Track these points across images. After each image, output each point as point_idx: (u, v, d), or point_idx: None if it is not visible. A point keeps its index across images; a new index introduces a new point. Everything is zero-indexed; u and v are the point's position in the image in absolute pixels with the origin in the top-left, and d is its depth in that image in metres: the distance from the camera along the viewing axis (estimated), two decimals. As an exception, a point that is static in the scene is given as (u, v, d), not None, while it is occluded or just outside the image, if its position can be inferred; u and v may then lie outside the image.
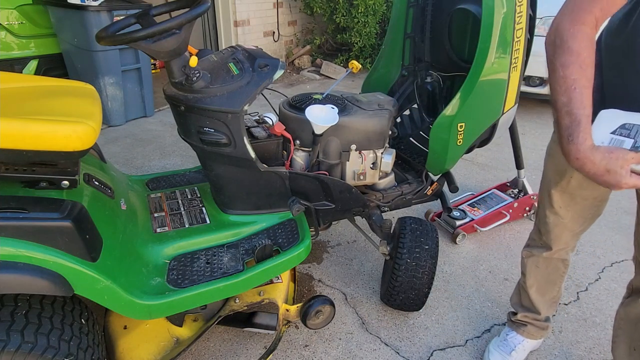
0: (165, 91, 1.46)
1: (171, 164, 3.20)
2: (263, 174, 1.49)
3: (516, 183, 2.64)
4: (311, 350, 1.68)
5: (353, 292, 1.99)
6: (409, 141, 2.11)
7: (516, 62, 1.57)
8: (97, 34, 1.26)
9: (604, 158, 0.87)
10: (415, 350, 1.70)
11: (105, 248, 1.17)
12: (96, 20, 3.30)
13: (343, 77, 2.13)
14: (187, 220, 1.57)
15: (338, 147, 1.62)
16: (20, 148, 1.04)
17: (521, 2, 1.48)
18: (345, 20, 5.67)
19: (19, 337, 1.02)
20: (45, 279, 1.03)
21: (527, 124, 4.18)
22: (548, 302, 1.58)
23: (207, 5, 1.27)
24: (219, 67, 1.45)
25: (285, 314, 1.57)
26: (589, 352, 1.72)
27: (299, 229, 1.54)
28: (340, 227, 2.47)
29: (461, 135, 1.63)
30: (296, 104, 1.63)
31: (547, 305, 1.59)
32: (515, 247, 2.34)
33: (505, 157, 3.37)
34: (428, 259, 1.65)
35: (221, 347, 1.67)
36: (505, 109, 1.67)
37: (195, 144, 1.48)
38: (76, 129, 1.09)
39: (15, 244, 1.02)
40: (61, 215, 1.06)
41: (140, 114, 4.08)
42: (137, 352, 1.39)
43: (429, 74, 2.05)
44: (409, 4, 1.95)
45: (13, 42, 3.50)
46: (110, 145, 3.47)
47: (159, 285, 1.28)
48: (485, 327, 1.82)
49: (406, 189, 1.82)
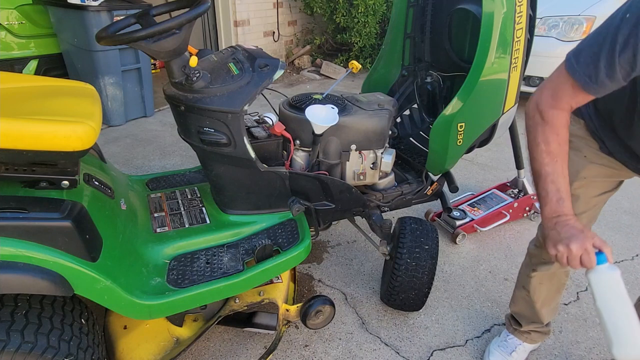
0: (165, 91, 1.46)
1: (171, 164, 3.20)
2: (263, 174, 1.49)
3: (516, 183, 2.64)
4: (311, 350, 1.68)
5: (353, 292, 1.99)
6: (409, 141, 2.11)
7: (516, 62, 1.57)
8: (97, 34, 1.26)
9: (578, 232, 0.99)
10: (415, 350, 1.70)
11: (105, 248, 1.17)
12: (96, 20, 3.30)
13: (343, 77, 2.13)
14: (187, 220, 1.56)
15: (338, 147, 1.62)
16: (20, 148, 1.04)
17: (521, 2, 1.48)
18: (345, 20, 5.67)
19: (19, 337, 1.02)
20: (45, 279, 1.03)
21: (527, 124, 4.18)
22: (552, 310, 1.57)
23: (207, 5, 1.27)
24: (219, 67, 1.45)
25: (285, 314, 1.57)
26: (589, 352, 1.72)
27: (299, 229, 1.54)
28: (340, 227, 2.47)
29: (461, 135, 1.63)
30: (296, 104, 1.63)
31: (551, 313, 1.58)
32: (515, 247, 2.34)
33: (505, 157, 3.37)
34: (428, 259, 1.65)
35: (221, 347, 1.67)
36: (505, 109, 1.67)
37: (195, 144, 1.48)
38: (76, 129, 1.09)
39: (15, 244, 1.02)
40: (61, 215, 1.06)
41: (140, 114, 4.08)
42: (137, 352, 1.39)
43: (429, 74, 2.05)
44: (409, 4, 1.95)
45: (13, 42, 3.50)
46: (110, 145, 3.47)
47: (159, 285, 1.28)
48: (485, 327, 1.82)
49: (406, 189, 1.82)
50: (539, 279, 1.50)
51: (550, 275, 1.48)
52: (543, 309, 1.55)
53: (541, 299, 1.53)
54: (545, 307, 1.55)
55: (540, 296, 1.53)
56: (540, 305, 1.54)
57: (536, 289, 1.52)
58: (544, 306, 1.55)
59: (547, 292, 1.52)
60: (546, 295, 1.53)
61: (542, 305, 1.54)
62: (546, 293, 1.52)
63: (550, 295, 1.53)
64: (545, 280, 1.50)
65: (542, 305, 1.54)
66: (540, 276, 1.50)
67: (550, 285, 1.51)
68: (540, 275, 1.50)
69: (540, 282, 1.51)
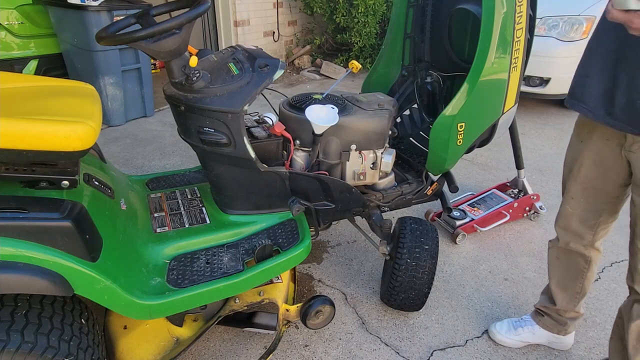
0: (165, 91, 1.46)
1: (171, 164, 3.20)
2: (263, 174, 1.49)
3: (516, 183, 2.64)
4: (311, 350, 1.68)
5: (353, 292, 1.99)
6: (409, 141, 2.11)
7: (516, 62, 1.57)
8: (97, 34, 1.26)
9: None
10: (415, 350, 1.70)
11: (105, 248, 1.17)
12: (96, 20, 3.30)
13: (343, 77, 2.13)
14: (187, 220, 1.57)
15: (338, 147, 1.62)
16: (20, 148, 1.04)
17: (521, 2, 1.48)
18: (345, 20, 5.67)
19: (19, 337, 1.02)
20: (45, 279, 1.03)
21: (527, 124, 4.18)
22: (568, 296, 1.58)
23: (207, 5, 1.27)
24: (219, 67, 1.45)
25: (285, 314, 1.57)
26: (588, 352, 1.72)
27: (299, 229, 1.54)
28: (340, 227, 2.47)
29: (461, 135, 1.63)
30: (296, 104, 1.63)
31: (566, 299, 1.58)
32: (515, 247, 2.34)
33: (505, 157, 3.37)
34: (428, 259, 1.65)
35: (221, 347, 1.67)
36: (505, 109, 1.67)
37: (195, 144, 1.48)
38: (76, 129, 1.09)
39: (15, 244, 1.02)
40: (61, 215, 1.06)
41: (140, 114, 4.08)
42: (137, 352, 1.39)
43: (429, 74, 2.05)
44: (409, 4, 1.95)
45: (13, 42, 3.50)
46: (110, 145, 3.47)
47: (159, 285, 1.28)
48: (485, 327, 1.82)
49: (406, 189, 1.82)
50: (555, 253, 1.57)
51: (565, 252, 1.53)
52: (558, 290, 1.59)
53: (556, 277, 1.59)
54: (561, 291, 1.58)
55: (556, 274, 1.59)
56: (555, 285, 1.59)
57: (552, 264, 1.60)
58: (559, 288, 1.58)
59: (563, 272, 1.56)
60: (561, 276, 1.57)
61: (557, 285, 1.59)
62: (562, 273, 1.57)
63: (566, 278, 1.56)
64: (562, 256, 1.55)
65: (557, 285, 1.59)
66: (556, 250, 1.57)
67: (566, 263, 1.55)
68: (556, 250, 1.57)
69: (557, 256, 1.57)
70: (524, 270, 2.16)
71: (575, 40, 3.98)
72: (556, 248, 1.57)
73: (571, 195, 1.45)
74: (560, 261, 1.57)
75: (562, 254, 1.56)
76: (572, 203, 1.45)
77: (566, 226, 1.50)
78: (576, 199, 1.43)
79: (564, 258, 1.55)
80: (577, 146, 1.39)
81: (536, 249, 2.33)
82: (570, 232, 1.49)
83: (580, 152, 1.38)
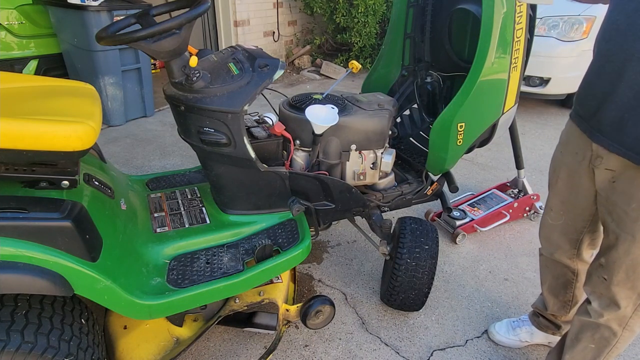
0: (165, 91, 1.46)
1: (171, 164, 3.20)
2: (263, 174, 1.49)
3: (516, 183, 2.64)
4: (311, 350, 1.68)
5: (353, 292, 1.99)
6: (409, 141, 2.11)
7: (516, 62, 1.57)
8: (97, 34, 1.26)
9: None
10: (415, 350, 1.70)
11: (105, 248, 1.17)
12: (96, 20, 3.30)
13: (343, 77, 2.13)
14: (187, 220, 1.56)
15: (338, 147, 1.62)
16: (20, 148, 1.04)
17: (521, 2, 1.48)
18: (345, 20, 5.67)
19: (19, 337, 1.02)
20: (45, 279, 1.03)
21: (527, 124, 4.18)
22: (559, 303, 1.57)
23: (207, 5, 1.27)
24: (219, 67, 1.45)
25: (285, 314, 1.57)
26: (589, 352, 1.72)
27: (299, 229, 1.54)
28: (340, 227, 2.47)
29: (461, 135, 1.63)
30: (296, 104, 1.63)
31: (557, 305, 1.58)
32: (515, 247, 2.34)
33: (505, 157, 3.37)
34: (428, 259, 1.66)
35: (221, 347, 1.67)
36: (505, 109, 1.67)
37: (195, 144, 1.48)
38: (76, 129, 1.09)
39: (15, 244, 1.02)
40: (61, 215, 1.06)
41: (140, 114, 4.08)
42: (137, 352, 1.39)
43: (429, 74, 2.05)
44: (409, 4, 1.95)
45: (13, 42, 3.50)
46: (110, 145, 3.47)
47: (159, 285, 1.28)
48: (485, 327, 1.82)
49: (406, 189, 1.82)
50: (544, 261, 1.57)
51: (552, 262, 1.52)
52: (550, 296, 1.58)
53: (546, 284, 1.58)
54: (552, 297, 1.58)
55: (546, 280, 1.58)
56: (547, 290, 1.59)
57: (542, 271, 1.60)
58: (550, 294, 1.58)
59: (551, 279, 1.56)
60: (551, 284, 1.56)
61: (548, 291, 1.58)
62: (550, 280, 1.56)
63: (555, 286, 1.55)
64: (549, 265, 1.54)
65: (548, 291, 1.58)
66: (544, 259, 1.56)
67: (555, 272, 1.53)
68: (544, 258, 1.56)
69: (545, 264, 1.57)
70: (524, 270, 2.16)
71: (575, 40, 3.98)
72: (543, 257, 1.56)
73: (550, 207, 1.43)
74: (549, 269, 1.55)
75: (549, 263, 1.54)
76: (552, 215, 1.42)
77: (548, 237, 1.48)
78: (555, 211, 1.41)
79: (551, 267, 1.53)
80: (558, 157, 1.37)
81: (536, 249, 2.31)
82: (553, 244, 1.47)
83: (559, 164, 1.36)
